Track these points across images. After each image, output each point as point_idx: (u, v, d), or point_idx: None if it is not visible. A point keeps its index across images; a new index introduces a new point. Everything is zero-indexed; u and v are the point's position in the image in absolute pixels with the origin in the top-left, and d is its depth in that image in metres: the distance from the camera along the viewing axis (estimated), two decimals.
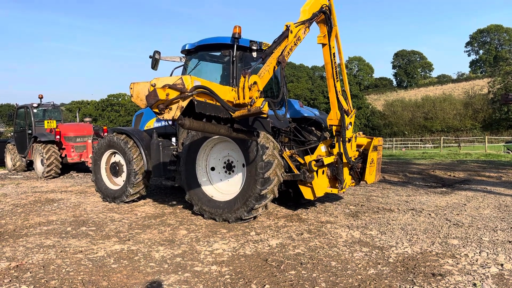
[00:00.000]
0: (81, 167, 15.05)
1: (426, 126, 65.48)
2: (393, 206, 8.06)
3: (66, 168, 14.03)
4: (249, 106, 4.72)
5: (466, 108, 64.61)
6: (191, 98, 4.22)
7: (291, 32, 5.43)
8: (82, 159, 13.46)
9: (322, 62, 6.55)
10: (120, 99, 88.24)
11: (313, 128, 7.78)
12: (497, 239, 5.66)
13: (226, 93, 4.77)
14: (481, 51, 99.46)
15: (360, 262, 4.80)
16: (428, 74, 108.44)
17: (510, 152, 26.23)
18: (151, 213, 7.55)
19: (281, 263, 4.79)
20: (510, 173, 14.12)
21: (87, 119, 15.14)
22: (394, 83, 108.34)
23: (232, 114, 4.68)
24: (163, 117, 4.16)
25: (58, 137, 13.45)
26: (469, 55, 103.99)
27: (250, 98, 4.71)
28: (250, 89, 4.72)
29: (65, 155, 13.58)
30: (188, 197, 7.08)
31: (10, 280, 4.31)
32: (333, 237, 5.87)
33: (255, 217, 6.79)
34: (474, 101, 65.31)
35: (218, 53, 7.74)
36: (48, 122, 14.14)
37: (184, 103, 4.16)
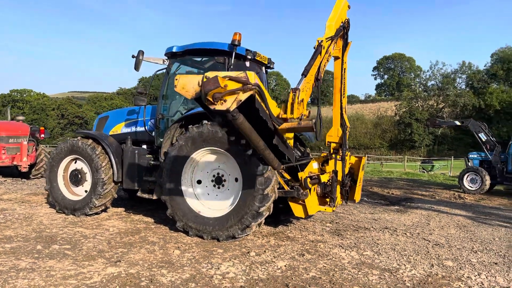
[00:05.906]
0: (8, 171, 13.26)
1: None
2: (366, 224, 8.19)
3: None
4: (298, 120, 4.48)
5: (375, 128, 69.39)
6: (252, 92, 3.95)
7: (323, 47, 5.31)
8: (15, 163, 11.86)
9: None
10: (25, 95, 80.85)
11: (298, 144, 7.66)
12: (483, 261, 5.97)
13: (273, 107, 4.46)
14: (385, 76, 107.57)
15: (382, 286, 4.72)
16: None
17: (425, 171, 28.58)
18: (124, 229, 6.82)
19: None
20: (438, 192, 15.45)
21: (20, 117, 13.42)
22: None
23: (277, 126, 4.37)
24: (214, 108, 3.86)
25: None
26: (375, 78, 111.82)
27: (300, 114, 4.47)
28: (299, 104, 4.52)
29: None
30: (171, 212, 6.51)
31: None
32: (335, 258, 5.75)
33: (246, 235, 6.44)
34: (383, 122, 70.42)
35: (204, 59, 7.32)
36: None
37: (243, 96, 3.89)
